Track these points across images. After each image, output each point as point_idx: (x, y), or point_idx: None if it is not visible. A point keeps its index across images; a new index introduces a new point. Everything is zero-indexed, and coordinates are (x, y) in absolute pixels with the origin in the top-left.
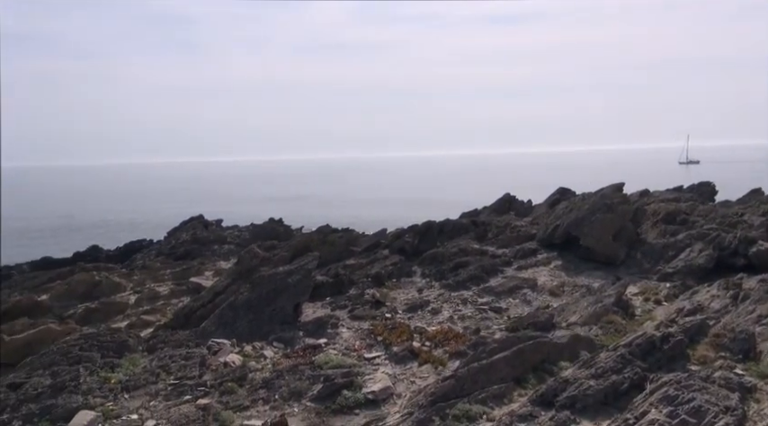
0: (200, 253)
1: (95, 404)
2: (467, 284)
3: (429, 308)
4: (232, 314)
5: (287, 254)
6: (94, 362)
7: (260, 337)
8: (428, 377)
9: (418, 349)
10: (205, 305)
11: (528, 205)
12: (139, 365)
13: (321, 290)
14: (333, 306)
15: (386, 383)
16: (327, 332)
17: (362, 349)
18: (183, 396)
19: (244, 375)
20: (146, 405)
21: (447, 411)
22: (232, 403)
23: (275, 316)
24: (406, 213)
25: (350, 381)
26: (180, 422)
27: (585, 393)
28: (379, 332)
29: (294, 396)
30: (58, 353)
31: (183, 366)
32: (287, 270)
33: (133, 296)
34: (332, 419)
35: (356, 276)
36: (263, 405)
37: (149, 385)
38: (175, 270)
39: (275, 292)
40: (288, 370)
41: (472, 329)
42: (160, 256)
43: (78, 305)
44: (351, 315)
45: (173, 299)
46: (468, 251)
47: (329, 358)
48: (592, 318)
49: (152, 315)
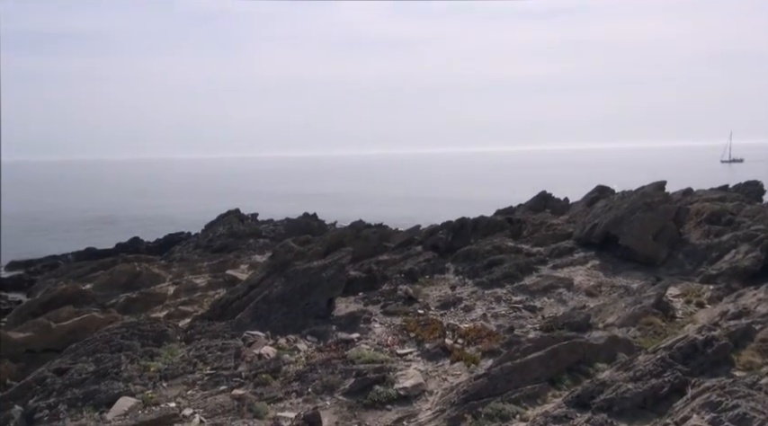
0: (235, 247)
1: (136, 391)
2: (501, 282)
3: (462, 306)
4: (267, 307)
5: (321, 249)
6: (135, 351)
7: (294, 330)
8: (460, 375)
9: (450, 346)
10: (240, 297)
11: (564, 203)
12: (177, 354)
13: (354, 285)
14: (366, 301)
15: (418, 379)
16: (360, 326)
17: (395, 344)
18: (219, 386)
19: (278, 367)
20: (183, 394)
21: (479, 409)
22: (266, 395)
23: (309, 310)
24: (437, 210)
25: (382, 376)
26: (216, 412)
27: (623, 396)
28: (411, 328)
29: (327, 390)
30: (100, 341)
31: (219, 356)
32: (321, 265)
33: (172, 287)
34: (364, 413)
35: (389, 272)
36: (297, 398)
37: (186, 374)
38: (212, 263)
39: (309, 286)
40: (321, 364)
41: (506, 327)
42: (197, 249)
43: (120, 294)
44: (383, 310)
45: (209, 291)
46: (502, 248)
47: (361, 353)
48: (630, 319)
49: (189, 306)
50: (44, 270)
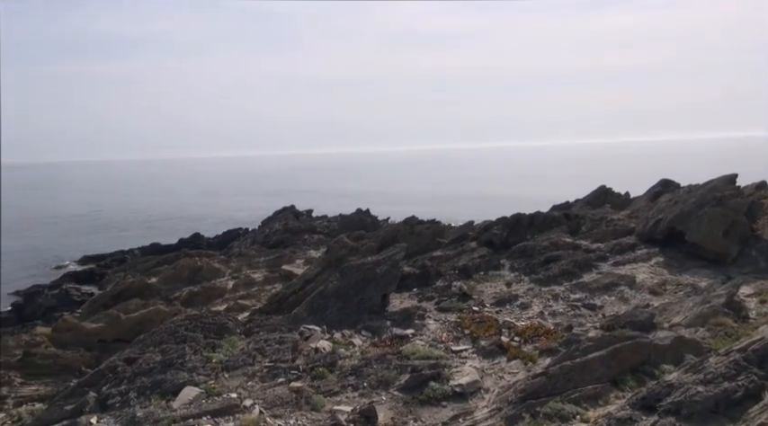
0: (291, 242)
1: (199, 382)
2: (558, 279)
3: (518, 303)
4: (322, 301)
5: (374, 245)
6: (198, 342)
7: (349, 325)
8: (517, 373)
9: (507, 343)
10: (296, 292)
11: (625, 197)
12: (237, 347)
13: (408, 281)
14: (419, 297)
15: (473, 376)
16: (414, 322)
17: (449, 341)
18: (278, 378)
19: (334, 361)
20: (243, 385)
21: (538, 408)
22: (323, 388)
23: (363, 305)
24: (490, 207)
25: (437, 373)
26: (275, 403)
27: (693, 399)
28: (466, 324)
29: (382, 385)
30: (166, 332)
31: (277, 349)
32: (375, 261)
33: (231, 281)
34: (419, 409)
35: (443, 268)
36: (353, 392)
37: (246, 366)
38: (269, 258)
39: (364, 282)
40: (376, 359)
41: (564, 326)
42: (255, 244)
43: (183, 288)
44: (437, 306)
45: (266, 285)
46: (559, 244)
47: (416, 348)
48: (698, 319)
49: (248, 300)
50: (113, 264)
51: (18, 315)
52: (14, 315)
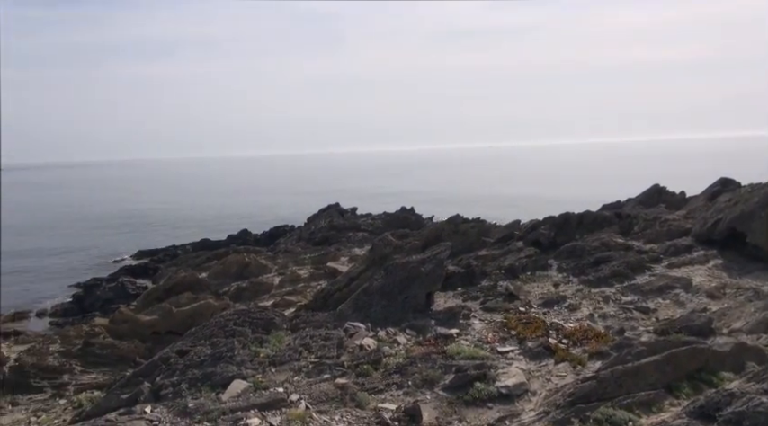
0: (336, 240)
1: (247, 375)
2: (609, 280)
3: (566, 304)
4: (367, 299)
5: (419, 243)
6: (246, 337)
7: (393, 323)
8: (566, 376)
9: (555, 345)
10: (341, 289)
11: (681, 197)
12: (284, 342)
13: (452, 280)
14: (464, 296)
15: (520, 378)
16: (459, 322)
17: (495, 341)
18: (323, 375)
19: (378, 359)
20: (290, 380)
21: (587, 413)
22: (367, 385)
23: (408, 304)
24: (535, 208)
25: (482, 373)
26: (320, 399)
27: (756, 410)
28: (512, 325)
29: (427, 384)
30: (216, 326)
31: (323, 346)
32: (420, 259)
33: (277, 277)
34: (464, 410)
35: (488, 267)
36: (397, 390)
37: (293, 361)
38: (314, 255)
39: (408, 280)
40: (420, 358)
41: (615, 329)
42: (300, 241)
43: (231, 283)
44: (483, 306)
45: (312, 282)
46: (610, 245)
47: (461, 348)
48: (760, 326)
49: (294, 296)
50: (166, 258)
51: (78, 306)
52: (75, 306)
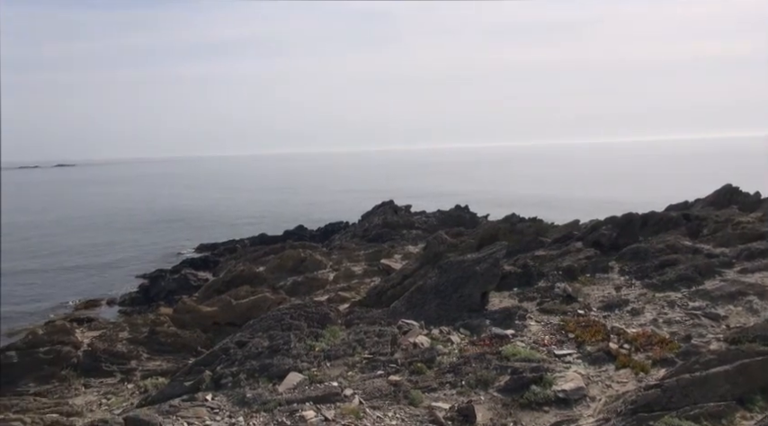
0: (389, 237)
1: (303, 368)
2: (675, 285)
3: (628, 308)
4: (420, 297)
5: (474, 242)
6: (302, 330)
7: (447, 322)
8: (627, 383)
9: (616, 351)
10: (395, 286)
11: (755, 198)
12: (338, 337)
13: (508, 280)
14: (520, 297)
15: (578, 383)
16: (514, 323)
17: (552, 344)
18: (376, 371)
19: (432, 357)
20: (344, 375)
21: (651, 423)
22: (421, 383)
23: (462, 303)
24: (591, 209)
25: (539, 376)
26: (374, 395)
27: None
28: (570, 328)
29: (481, 384)
30: (273, 319)
31: (377, 342)
32: (475, 258)
33: (332, 273)
34: (519, 413)
35: (546, 268)
36: (450, 389)
37: (347, 356)
38: (368, 252)
39: (463, 279)
40: (475, 358)
41: (681, 336)
42: (355, 238)
43: (287, 277)
44: (540, 307)
45: (365, 278)
46: (677, 248)
47: (517, 350)
48: None
49: (347, 292)
50: (225, 252)
51: (144, 296)
52: (141, 296)
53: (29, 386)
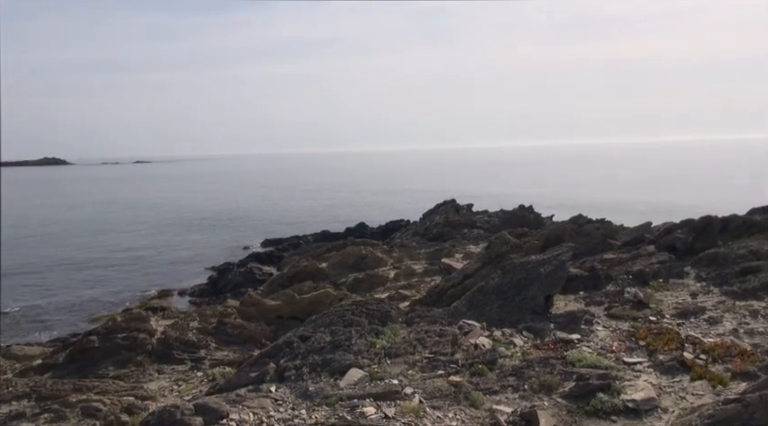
0: (451, 236)
1: (363, 365)
2: (758, 293)
3: (705, 316)
4: (482, 297)
5: (538, 243)
6: (363, 327)
7: (509, 324)
8: (703, 396)
9: (691, 361)
10: (455, 286)
11: None
12: (399, 335)
13: (574, 283)
14: (587, 301)
15: (649, 393)
16: (581, 327)
17: (621, 351)
18: (437, 371)
19: (494, 359)
20: (404, 373)
21: None
22: (482, 385)
23: (525, 305)
24: (678, 207)
25: (606, 384)
26: (434, 395)
27: None
28: (641, 335)
29: (544, 390)
30: (335, 315)
31: (437, 342)
32: (540, 260)
33: (392, 271)
34: (585, 421)
35: (615, 272)
36: (513, 393)
37: (407, 354)
38: (429, 250)
39: (526, 280)
40: (538, 362)
41: (765, 348)
42: (415, 236)
43: (348, 274)
44: (608, 313)
45: (426, 277)
46: (760, 254)
47: (583, 355)
48: None
49: (408, 290)
50: (289, 248)
51: (213, 288)
52: (210, 287)
53: (108, 370)
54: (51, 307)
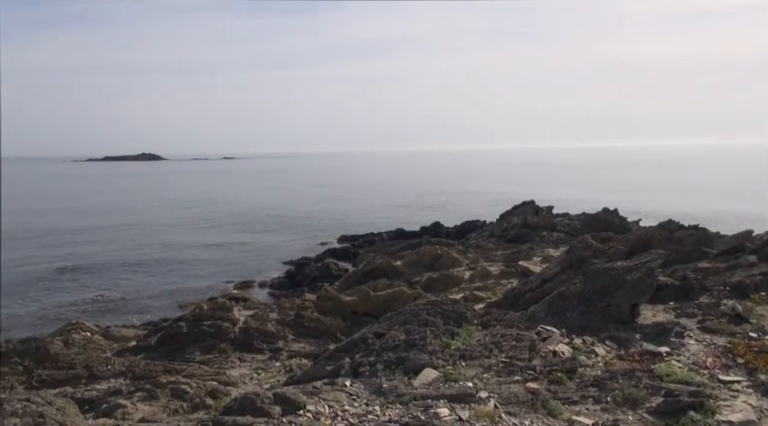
0: (529, 238)
1: (438, 365)
2: None
3: None
4: (562, 303)
5: (624, 248)
6: (438, 327)
7: (591, 332)
8: None
9: None
10: (533, 289)
11: None
12: (474, 337)
13: (663, 293)
14: (678, 312)
15: (748, 415)
16: (670, 340)
17: (716, 368)
18: (513, 376)
19: (573, 368)
20: (479, 376)
21: None
22: (561, 394)
23: (609, 313)
24: None
25: (699, 402)
26: (510, 400)
27: None
28: (739, 352)
29: (629, 403)
30: (410, 314)
31: (514, 346)
32: (626, 266)
33: (467, 271)
34: None
35: (710, 282)
36: (594, 404)
37: (483, 358)
38: (506, 253)
39: (611, 287)
40: (622, 373)
41: None
42: (492, 237)
43: (423, 273)
44: (701, 326)
45: (502, 279)
46: None
47: (672, 370)
48: None
49: (483, 292)
50: (364, 245)
51: (290, 281)
52: (287, 281)
53: (194, 355)
54: (145, 293)
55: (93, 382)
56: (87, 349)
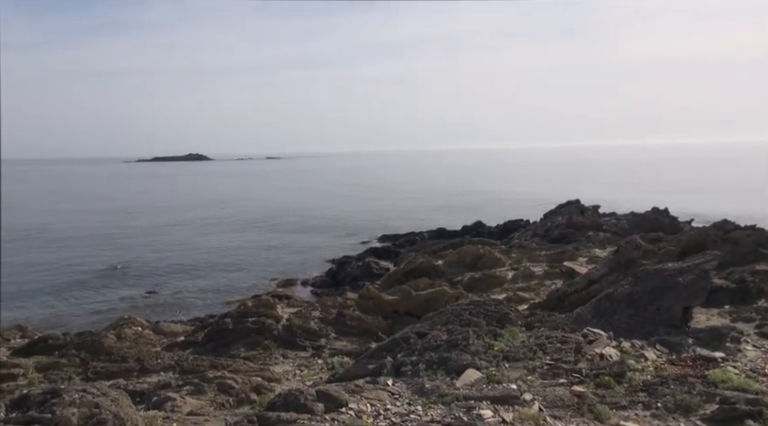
0: (574, 238)
1: (481, 366)
2: None
3: None
4: (610, 305)
5: (675, 249)
6: (480, 328)
7: (640, 335)
8: None
9: None
10: (579, 291)
11: None
12: (518, 338)
13: (718, 296)
14: (733, 316)
15: None
16: (725, 345)
17: None
18: (558, 379)
19: (622, 372)
20: (523, 378)
21: None
22: (608, 399)
23: (659, 317)
24: None
25: (758, 411)
26: (555, 404)
27: None
28: None
29: (681, 410)
30: (452, 314)
31: (559, 349)
32: (677, 268)
33: (510, 272)
34: None
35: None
36: (643, 410)
37: (527, 359)
38: (550, 253)
39: (661, 290)
40: (674, 379)
41: None
42: (535, 237)
43: (465, 273)
44: (759, 331)
45: (546, 280)
46: None
47: (728, 376)
48: None
49: (526, 293)
50: (406, 244)
51: (332, 280)
52: (329, 279)
53: (240, 351)
54: (192, 290)
55: (144, 375)
56: (138, 343)
